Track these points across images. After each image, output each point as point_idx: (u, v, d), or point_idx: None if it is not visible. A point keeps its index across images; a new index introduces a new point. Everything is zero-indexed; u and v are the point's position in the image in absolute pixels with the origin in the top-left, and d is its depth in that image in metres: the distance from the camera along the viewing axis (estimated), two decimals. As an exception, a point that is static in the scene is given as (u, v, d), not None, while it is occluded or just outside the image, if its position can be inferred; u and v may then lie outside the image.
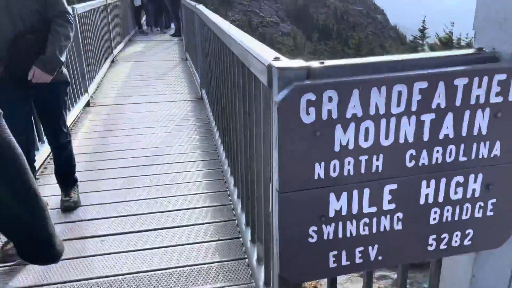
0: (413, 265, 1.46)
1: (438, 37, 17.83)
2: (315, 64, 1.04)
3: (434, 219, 1.23)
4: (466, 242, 1.27)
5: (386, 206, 1.18)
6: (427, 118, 1.11)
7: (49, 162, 3.54)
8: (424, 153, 1.15)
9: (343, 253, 1.19)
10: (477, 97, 1.12)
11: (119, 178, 3.34)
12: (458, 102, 1.12)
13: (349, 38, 24.82)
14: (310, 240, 1.14)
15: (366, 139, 1.09)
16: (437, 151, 1.16)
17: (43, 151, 3.51)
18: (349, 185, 1.12)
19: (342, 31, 34.95)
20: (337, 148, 1.08)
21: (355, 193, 1.14)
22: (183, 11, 8.11)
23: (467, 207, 1.24)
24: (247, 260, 2.27)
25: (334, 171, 1.10)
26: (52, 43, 2.45)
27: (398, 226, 1.21)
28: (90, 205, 2.93)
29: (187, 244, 2.47)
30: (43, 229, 1.39)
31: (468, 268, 1.37)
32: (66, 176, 2.89)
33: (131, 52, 9.08)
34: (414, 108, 1.09)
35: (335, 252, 1.18)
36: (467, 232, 1.27)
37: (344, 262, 1.20)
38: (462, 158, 1.18)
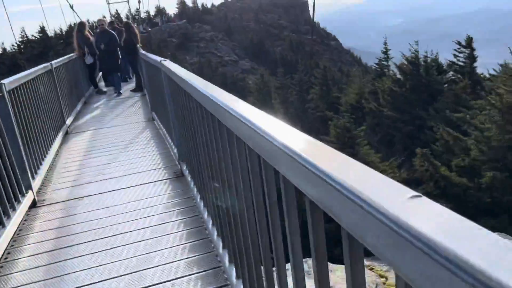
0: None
1: (405, 57, 17.56)
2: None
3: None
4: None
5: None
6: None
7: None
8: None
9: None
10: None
11: None
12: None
13: (313, 68, 24.61)
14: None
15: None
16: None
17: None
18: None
19: (302, 61, 34.94)
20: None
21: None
22: (144, 66, 7.03)
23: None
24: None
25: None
26: None
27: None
28: None
29: None
30: None
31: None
32: None
33: (87, 118, 7.85)
34: None
35: None
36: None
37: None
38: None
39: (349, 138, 11.51)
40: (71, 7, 20.56)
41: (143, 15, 61.82)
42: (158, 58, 4.61)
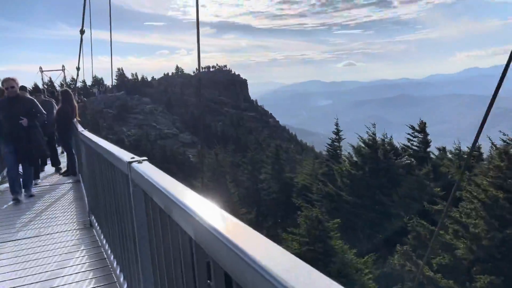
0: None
1: (363, 140, 17.07)
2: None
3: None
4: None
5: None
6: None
7: None
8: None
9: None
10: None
11: None
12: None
13: (267, 148, 23.63)
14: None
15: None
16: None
17: None
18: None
19: (254, 138, 34.39)
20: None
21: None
22: (84, 150, 5.12)
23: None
24: None
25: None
26: None
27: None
28: None
29: None
30: None
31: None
32: None
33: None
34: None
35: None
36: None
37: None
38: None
39: (320, 231, 10.01)
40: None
41: (79, 84, 59.15)
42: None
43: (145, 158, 2.05)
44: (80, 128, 6.22)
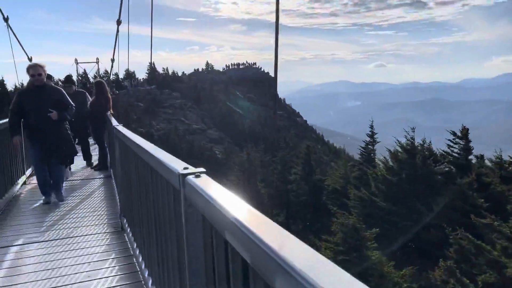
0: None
1: (400, 144, 16.29)
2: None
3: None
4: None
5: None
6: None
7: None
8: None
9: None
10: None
11: None
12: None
13: (295, 147, 23.12)
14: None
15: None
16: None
17: None
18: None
19: (285, 138, 33.85)
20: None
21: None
22: (118, 145, 4.77)
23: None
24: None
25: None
26: None
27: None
28: None
29: None
30: None
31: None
32: None
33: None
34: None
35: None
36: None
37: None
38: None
39: (357, 240, 9.45)
40: (30, 59, 18.32)
41: (112, 77, 60.39)
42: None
43: (203, 170, 1.61)
44: (114, 122, 5.90)
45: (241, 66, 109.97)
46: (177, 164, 1.75)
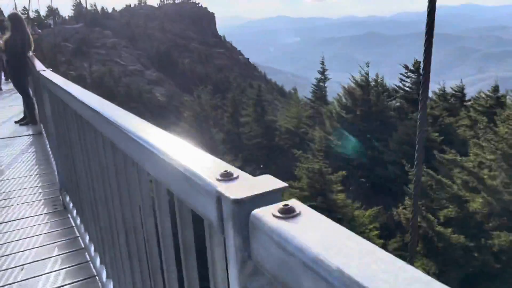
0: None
1: (355, 80, 15.84)
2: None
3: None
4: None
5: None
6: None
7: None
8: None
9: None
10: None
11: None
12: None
13: (244, 89, 21.95)
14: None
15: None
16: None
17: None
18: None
19: (234, 79, 32.38)
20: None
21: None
22: (48, 96, 3.56)
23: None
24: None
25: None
26: None
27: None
28: None
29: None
30: None
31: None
32: None
33: None
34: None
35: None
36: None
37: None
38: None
39: (323, 185, 9.00)
40: None
41: (32, 14, 53.89)
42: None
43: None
44: (39, 65, 4.60)
45: (177, 1, 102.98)
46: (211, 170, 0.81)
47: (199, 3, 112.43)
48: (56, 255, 2.76)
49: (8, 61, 6.71)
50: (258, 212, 0.58)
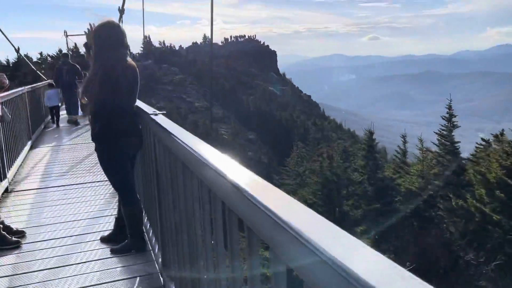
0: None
1: None
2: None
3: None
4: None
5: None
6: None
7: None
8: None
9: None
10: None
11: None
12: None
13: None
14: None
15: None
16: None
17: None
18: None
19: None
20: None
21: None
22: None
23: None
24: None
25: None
26: None
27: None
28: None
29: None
30: None
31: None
32: None
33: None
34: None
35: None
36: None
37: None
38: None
39: None
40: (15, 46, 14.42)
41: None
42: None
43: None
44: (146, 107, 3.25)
45: (240, 39, 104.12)
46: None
47: (260, 41, 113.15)
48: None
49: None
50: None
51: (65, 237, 3.52)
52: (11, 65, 32.34)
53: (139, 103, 3.44)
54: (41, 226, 3.78)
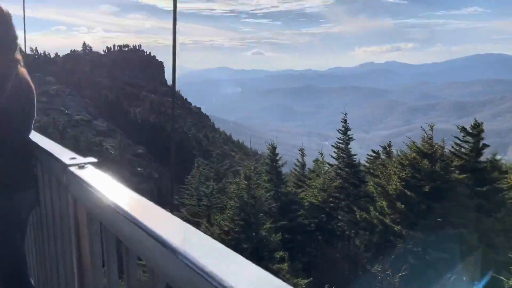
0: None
1: (415, 147, 12.86)
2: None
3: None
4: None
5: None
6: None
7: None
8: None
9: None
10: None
11: None
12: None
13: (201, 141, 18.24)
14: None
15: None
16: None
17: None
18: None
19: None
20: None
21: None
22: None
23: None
24: None
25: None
26: None
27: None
28: None
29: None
30: None
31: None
32: None
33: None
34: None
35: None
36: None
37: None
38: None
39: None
40: None
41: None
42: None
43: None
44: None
45: (124, 49, 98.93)
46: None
47: (146, 52, 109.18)
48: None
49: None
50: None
51: None
52: None
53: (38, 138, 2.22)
54: None
